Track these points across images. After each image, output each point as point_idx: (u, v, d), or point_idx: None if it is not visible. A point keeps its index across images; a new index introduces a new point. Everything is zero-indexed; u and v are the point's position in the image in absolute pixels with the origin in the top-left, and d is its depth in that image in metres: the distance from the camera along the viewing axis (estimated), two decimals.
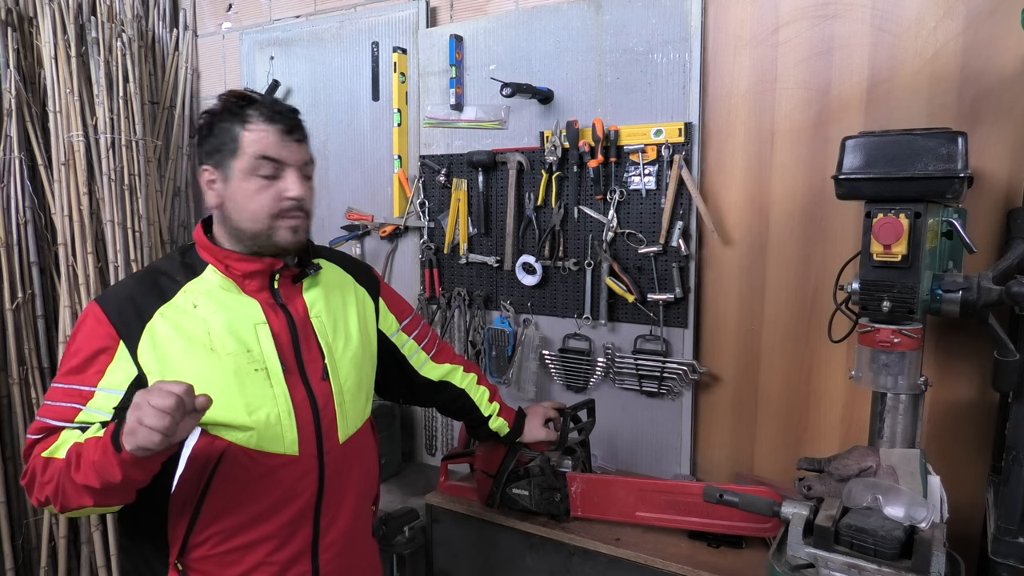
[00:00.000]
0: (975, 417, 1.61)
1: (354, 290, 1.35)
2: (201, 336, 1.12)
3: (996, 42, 1.51)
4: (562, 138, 1.96)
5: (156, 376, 1.09)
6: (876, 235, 1.26)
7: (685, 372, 1.89)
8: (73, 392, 1.09)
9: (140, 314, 1.11)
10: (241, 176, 1.13)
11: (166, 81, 2.74)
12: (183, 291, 1.15)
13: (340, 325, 1.27)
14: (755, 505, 1.39)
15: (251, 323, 1.16)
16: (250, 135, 1.12)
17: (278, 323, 1.18)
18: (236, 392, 1.11)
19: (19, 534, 2.42)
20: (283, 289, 1.21)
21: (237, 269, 1.17)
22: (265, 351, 1.15)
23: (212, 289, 1.17)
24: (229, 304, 1.16)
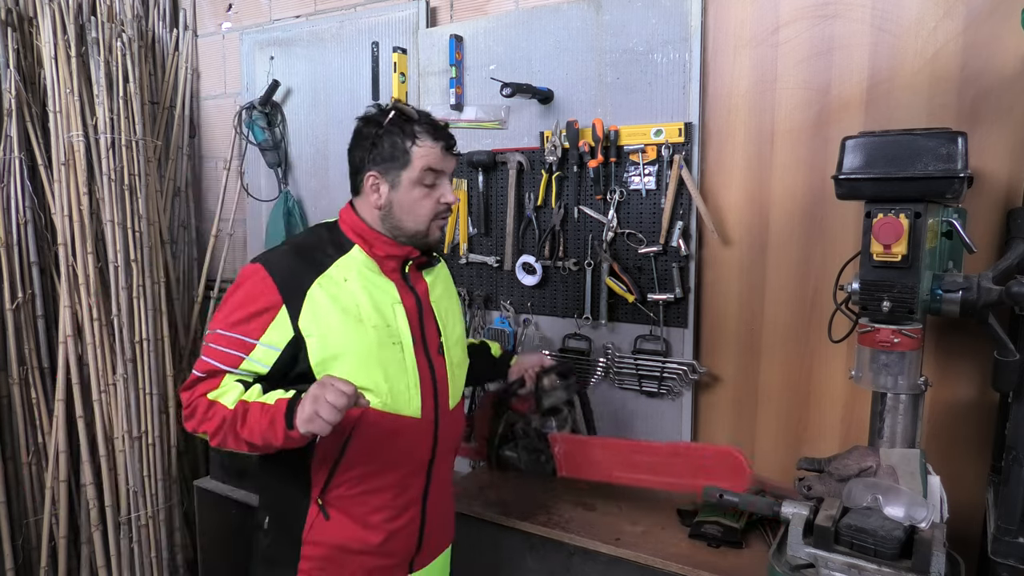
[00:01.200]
0: (975, 417, 1.61)
1: (453, 283, 1.58)
2: (352, 308, 1.28)
3: (996, 42, 1.51)
4: (562, 138, 1.96)
5: (316, 339, 1.25)
6: (876, 235, 1.26)
7: (685, 372, 1.89)
8: (237, 341, 1.24)
9: (300, 283, 1.27)
10: (409, 185, 1.31)
11: (166, 81, 2.74)
12: (336, 265, 1.31)
13: (450, 309, 1.48)
14: (755, 505, 1.39)
15: (390, 301, 1.33)
16: (420, 150, 1.30)
17: (409, 303, 1.36)
18: (376, 361, 1.29)
19: (19, 534, 2.42)
20: (411, 274, 1.40)
21: (381, 251, 1.34)
22: (400, 327, 1.33)
23: (359, 266, 1.33)
24: (373, 281, 1.33)
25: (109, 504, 2.36)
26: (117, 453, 2.36)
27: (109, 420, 2.37)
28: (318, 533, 1.33)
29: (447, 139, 1.34)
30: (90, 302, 2.34)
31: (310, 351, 1.25)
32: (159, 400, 2.45)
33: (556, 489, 1.89)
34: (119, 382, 2.36)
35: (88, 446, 2.34)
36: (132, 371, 2.39)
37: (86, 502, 2.36)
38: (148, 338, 2.42)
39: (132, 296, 2.40)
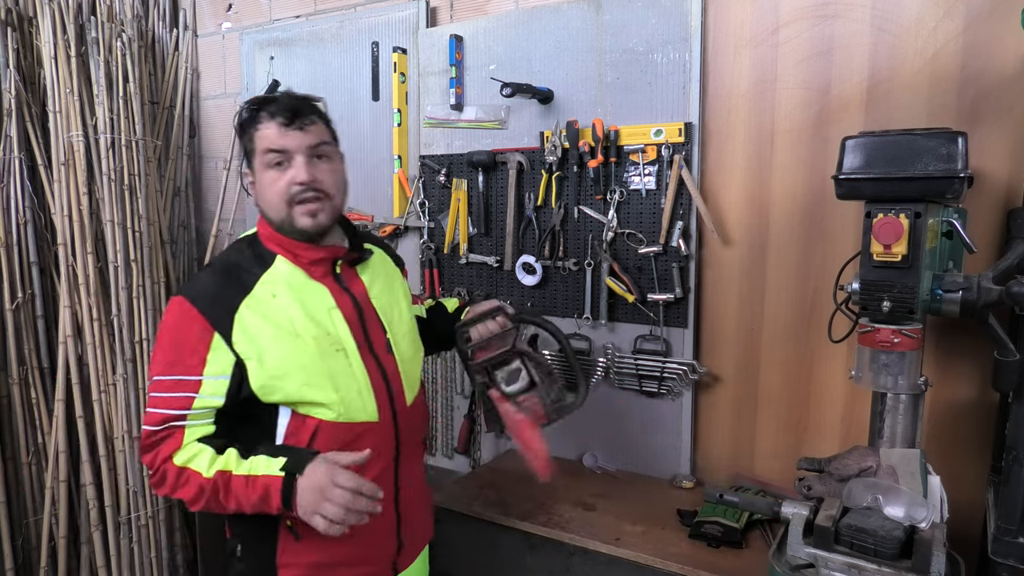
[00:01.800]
0: (975, 417, 1.61)
1: (395, 270, 1.49)
2: (285, 323, 1.23)
3: (996, 42, 1.51)
4: (562, 138, 1.96)
5: (255, 361, 1.20)
6: (876, 235, 1.26)
7: (685, 372, 1.89)
8: (181, 383, 1.18)
9: (227, 307, 1.21)
10: (261, 171, 1.24)
11: (166, 81, 2.74)
12: (261, 282, 1.25)
13: (393, 302, 1.40)
14: (755, 505, 1.39)
15: (325, 308, 1.27)
16: (259, 133, 1.23)
17: (345, 305, 1.30)
18: (322, 373, 1.23)
19: (19, 534, 2.42)
20: (344, 273, 1.32)
21: (304, 257, 1.27)
22: (341, 332, 1.27)
23: (286, 278, 1.26)
24: (303, 290, 1.27)
25: (109, 504, 2.35)
26: (117, 453, 2.36)
27: (109, 420, 2.37)
28: (291, 555, 1.28)
29: (284, 112, 1.21)
30: (90, 302, 2.34)
31: (250, 374, 1.20)
32: None
33: (556, 489, 1.89)
34: (119, 382, 2.36)
35: (88, 446, 2.34)
36: (132, 371, 2.38)
37: (86, 502, 2.36)
38: (148, 338, 2.42)
39: (132, 296, 2.40)
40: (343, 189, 1.30)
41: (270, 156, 1.21)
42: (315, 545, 1.26)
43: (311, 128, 1.23)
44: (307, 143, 1.22)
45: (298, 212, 1.22)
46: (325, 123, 1.29)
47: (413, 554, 1.45)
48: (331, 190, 1.25)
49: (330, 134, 1.29)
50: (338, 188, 1.28)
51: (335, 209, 1.27)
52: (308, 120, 1.23)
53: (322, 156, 1.25)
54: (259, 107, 1.23)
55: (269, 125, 1.21)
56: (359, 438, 1.28)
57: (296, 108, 1.22)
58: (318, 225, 1.24)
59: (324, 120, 1.28)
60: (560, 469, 2.04)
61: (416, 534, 1.45)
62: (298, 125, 1.21)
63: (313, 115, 1.24)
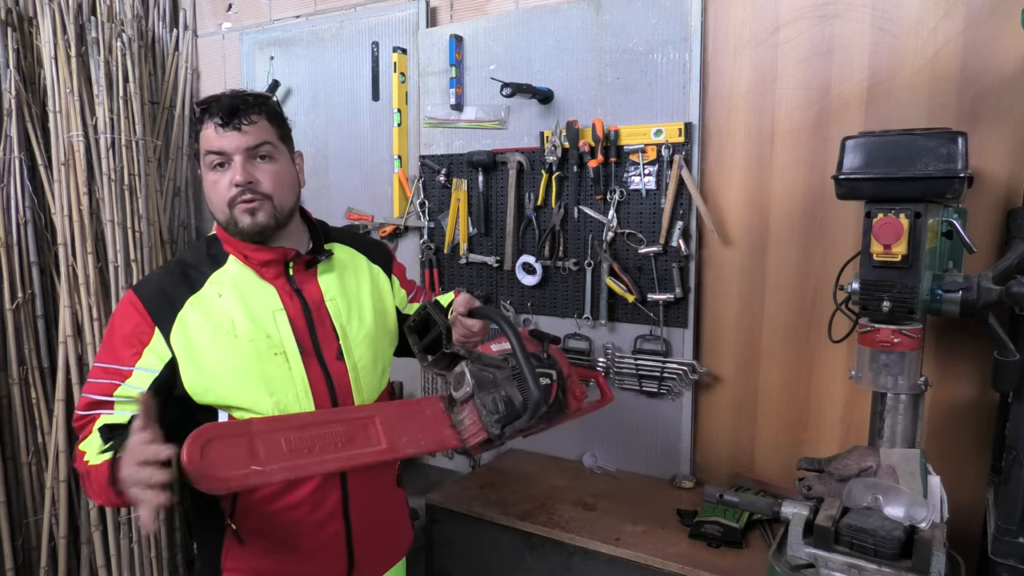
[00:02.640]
0: (975, 417, 1.61)
1: (368, 269, 1.41)
2: (225, 324, 1.21)
3: (996, 42, 1.51)
4: (562, 138, 1.96)
5: (185, 359, 1.19)
6: (876, 235, 1.26)
7: (685, 372, 1.89)
8: (112, 371, 1.19)
9: (172, 303, 1.21)
10: (205, 172, 1.23)
11: (166, 81, 2.74)
12: (209, 281, 1.24)
13: (354, 306, 1.34)
14: (755, 505, 1.39)
15: (270, 310, 1.24)
16: (201, 134, 1.22)
17: (294, 308, 1.26)
18: (257, 375, 1.20)
19: (19, 534, 2.41)
20: (298, 275, 1.28)
21: (254, 258, 1.25)
22: (283, 335, 1.23)
23: (235, 279, 1.25)
24: (249, 292, 1.24)
25: None
26: None
27: None
28: (235, 559, 1.26)
29: (221, 113, 1.18)
30: (90, 302, 2.34)
31: (183, 373, 1.18)
32: None
33: (556, 489, 1.90)
34: None
35: None
36: None
37: (86, 502, 2.35)
38: None
39: None
40: (288, 189, 1.25)
41: (210, 157, 1.21)
42: (259, 552, 1.25)
43: (250, 129, 1.20)
44: (245, 144, 1.19)
45: (237, 212, 1.21)
46: (272, 122, 1.24)
47: (373, 573, 1.38)
48: (270, 191, 1.21)
49: (276, 133, 1.25)
50: (280, 188, 1.23)
51: (277, 209, 1.23)
52: (247, 120, 1.20)
53: (264, 156, 1.22)
54: (203, 108, 1.22)
55: (208, 126, 1.20)
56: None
57: (233, 108, 1.19)
58: (256, 224, 1.21)
59: (271, 118, 1.24)
60: (560, 469, 2.05)
61: (376, 552, 1.37)
62: (235, 125, 1.19)
63: (254, 114, 1.21)
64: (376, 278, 1.41)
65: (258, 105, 1.23)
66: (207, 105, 1.21)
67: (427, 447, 1.19)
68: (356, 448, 1.12)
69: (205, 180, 1.23)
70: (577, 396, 1.29)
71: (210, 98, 1.22)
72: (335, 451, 1.11)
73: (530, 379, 1.11)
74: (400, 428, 1.16)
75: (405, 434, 1.17)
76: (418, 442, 1.17)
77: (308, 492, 1.25)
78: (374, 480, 1.35)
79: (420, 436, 1.17)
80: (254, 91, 1.26)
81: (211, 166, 1.21)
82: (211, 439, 1.00)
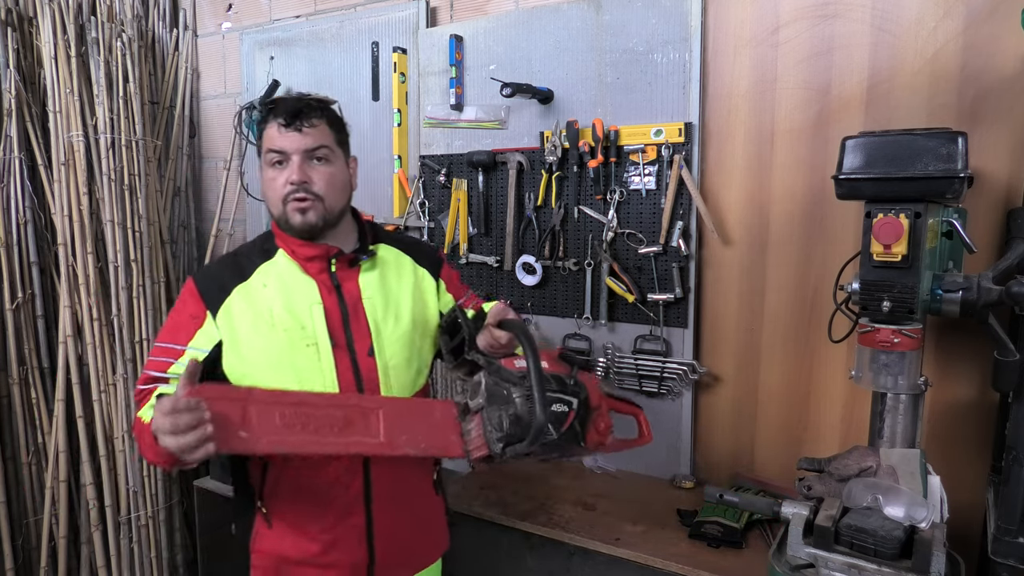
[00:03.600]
0: (975, 417, 1.60)
1: (412, 271, 1.42)
2: (265, 313, 1.28)
3: (996, 42, 1.51)
4: (562, 138, 1.96)
5: (228, 344, 1.28)
6: (876, 235, 1.26)
7: (685, 372, 1.89)
8: (169, 350, 1.28)
9: (222, 289, 1.30)
10: (264, 168, 1.30)
11: (166, 81, 2.74)
12: (257, 272, 1.32)
13: (391, 305, 1.36)
14: (755, 505, 1.39)
15: (308, 303, 1.29)
16: (265, 132, 1.29)
17: (331, 303, 1.30)
18: (288, 365, 1.26)
19: (19, 534, 2.42)
20: (340, 272, 1.33)
21: (300, 253, 1.31)
22: (317, 328, 1.28)
23: (280, 271, 1.32)
24: (292, 285, 1.31)
25: (109, 504, 2.35)
26: (117, 453, 2.36)
27: (109, 420, 2.37)
28: (262, 542, 1.34)
29: (284, 114, 1.25)
30: (90, 302, 2.34)
31: (224, 357, 1.27)
32: None
33: (556, 489, 1.90)
34: (119, 382, 2.36)
35: (88, 446, 2.34)
36: (132, 371, 2.38)
37: (86, 502, 2.36)
38: (148, 338, 2.42)
39: (132, 296, 2.40)
40: (340, 191, 1.31)
41: (270, 155, 1.27)
42: (284, 537, 1.32)
43: (310, 131, 1.26)
44: (303, 145, 1.25)
45: (290, 209, 1.27)
46: (332, 126, 1.31)
47: (397, 570, 1.39)
48: (322, 192, 1.27)
49: (334, 137, 1.31)
50: (332, 190, 1.29)
51: (327, 209, 1.28)
52: (307, 123, 1.26)
53: (320, 159, 1.28)
54: (269, 108, 1.29)
55: (272, 125, 1.27)
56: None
57: (296, 111, 1.26)
58: (306, 223, 1.27)
59: (331, 123, 1.31)
60: (560, 469, 2.05)
61: (400, 551, 1.38)
62: (296, 127, 1.25)
63: (315, 118, 1.27)
64: (420, 280, 1.43)
65: (320, 109, 1.29)
66: (273, 105, 1.28)
67: (428, 450, 1.16)
68: (352, 436, 1.12)
69: (264, 176, 1.29)
70: (600, 430, 1.20)
71: (276, 98, 1.31)
72: (330, 435, 1.10)
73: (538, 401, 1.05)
74: (402, 426, 1.15)
75: (405, 432, 1.15)
76: (418, 443, 1.15)
77: (329, 481, 1.29)
78: (399, 476, 1.36)
79: (422, 438, 1.15)
80: (318, 95, 1.32)
81: (271, 163, 1.27)
82: (208, 397, 1.04)
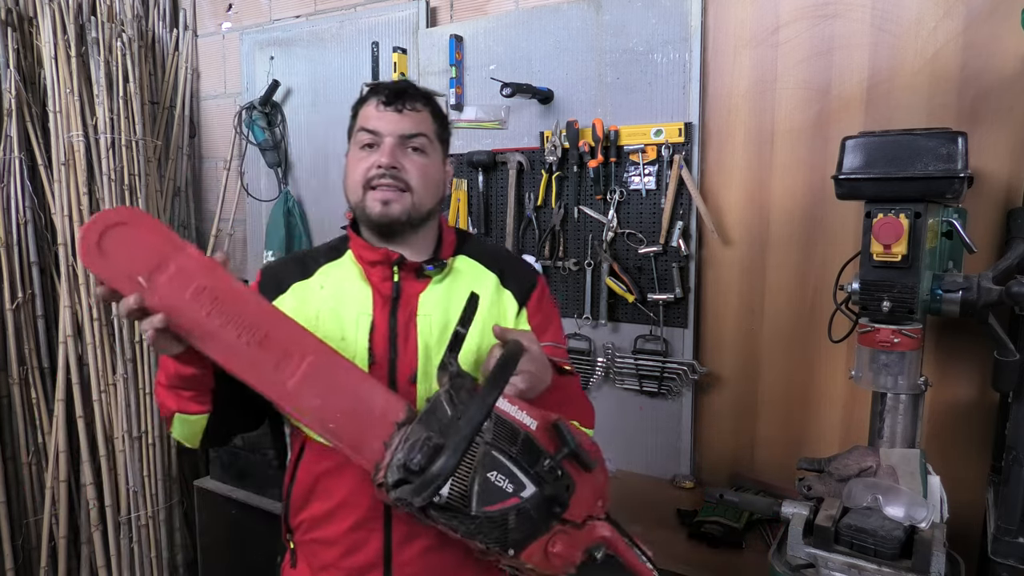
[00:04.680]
0: (975, 417, 1.60)
1: (494, 292, 1.20)
2: (310, 317, 1.14)
3: (996, 42, 1.51)
4: (562, 138, 1.96)
5: None
6: (876, 235, 1.26)
7: (685, 372, 1.89)
8: None
9: (279, 286, 1.19)
10: (352, 151, 1.16)
11: (166, 81, 2.74)
12: (319, 272, 1.20)
13: (453, 328, 1.11)
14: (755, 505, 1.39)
15: (356, 313, 1.14)
16: (360, 111, 1.17)
17: (381, 316, 1.14)
18: None
19: (19, 534, 2.42)
20: (405, 282, 1.16)
21: (365, 257, 1.17)
22: (358, 342, 1.12)
23: (342, 274, 1.19)
24: (347, 291, 1.17)
25: (109, 504, 2.36)
26: (117, 453, 2.36)
27: (109, 420, 2.37)
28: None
29: (385, 91, 1.13)
30: (90, 302, 2.34)
31: None
32: None
33: None
34: (119, 382, 2.36)
35: (88, 446, 2.34)
36: (132, 371, 2.38)
37: (86, 502, 2.36)
38: None
39: None
40: (432, 188, 1.16)
41: (361, 135, 1.14)
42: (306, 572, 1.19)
43: (410, 114, 1.13)
44: (400, 129, 1.12)
45: (371, 197, 1.12)
46: (435, 117, 1.18)
47: None
48: (414, 183, 1.12)
49: (435, 129, 1.17)
50: (424, 184, 1.14)
51: (415, 206, 1.13)
52: (410, 105, 1.13)
53: (417, 149, 1.14)
54: (371, 88, 1.18)
55: (370, 103, 1.15)
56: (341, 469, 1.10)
57: (400, 91, 1.14)
58: (387, 215, 1.11)
59: (435, 114, 1.18)
60: None
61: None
62: (396, 107, 1.12)
63: (419, 103, 1.15)
64: (499, 303, 1.21)
65: (426, 97, 1.17)
66: (376, 86, 1.17)
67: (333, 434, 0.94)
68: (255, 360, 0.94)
69: (349, 159, 1.16)
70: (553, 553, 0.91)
71: (382, 82, 1.19)
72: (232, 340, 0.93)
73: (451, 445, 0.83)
74: (323, 388, 0.95)
75: (321, 398, 0.94)
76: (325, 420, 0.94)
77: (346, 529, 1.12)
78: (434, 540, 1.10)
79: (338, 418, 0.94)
80: (427, 88, 1.20)
81: (360, 144, 1.14)
82: (134, 224, 0.91)
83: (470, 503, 0.86)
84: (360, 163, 1.13)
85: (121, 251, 0.90)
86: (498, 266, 1.23)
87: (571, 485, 0.92)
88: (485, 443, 0.89)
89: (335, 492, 1.12)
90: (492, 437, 0.89)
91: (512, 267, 1.26)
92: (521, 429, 0.90)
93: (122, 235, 0.91)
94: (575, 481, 0.92)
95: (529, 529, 0.90)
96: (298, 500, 1.16)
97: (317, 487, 1.14)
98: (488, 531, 0.87)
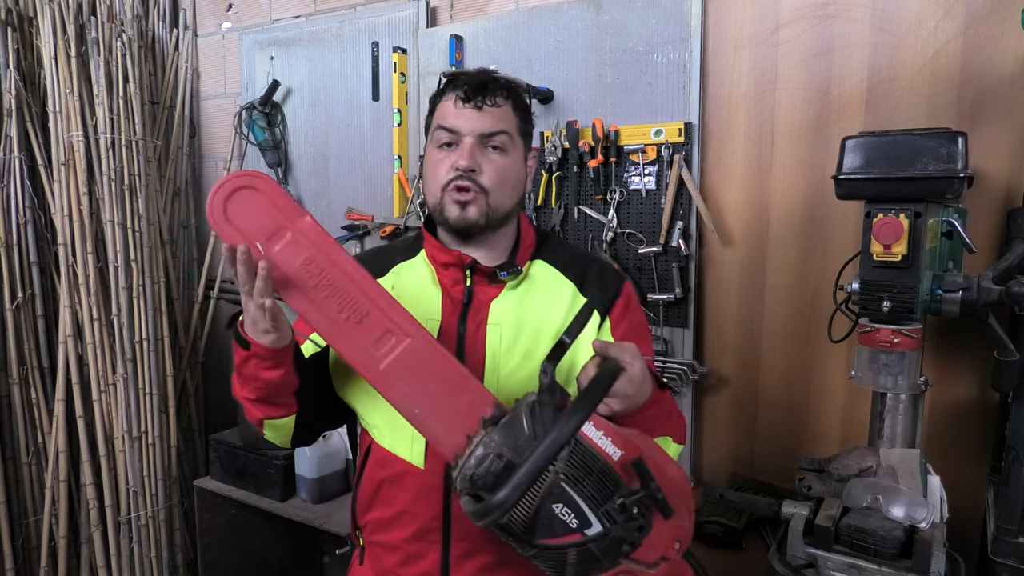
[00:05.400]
0: (975, 417, 1.60)
1: (571, 300, 1.12)
2: None
3: (996, 42, 1.51)
4: (562, 138, 1.96)
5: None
6: (876, 235, 1.26)
7: (685, 372, 1.89)
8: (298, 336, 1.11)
9: None
10: (430, 150, 1.11)
11: (166, 81, 2.74)
12: (392, 271, 1.16)
13: (524, 338, 1.08)
14: (755, 505, 1.39)
15: (424, 317, 1.06)
16: (439, 107, 1.11)
17: (449, 322, 1.08)
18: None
19: (19, 534, 2.42)
20: (478, 287, 1.11)
21: (437, 259, 1.12)
22: None
23: (413, 275, 1.14)
24: (416, 294, 1.11)
25: (109, 504, 2.35)
26: (117, 453, 2.36)
27: (109, 420, 2.37)
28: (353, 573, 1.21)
29: (463, 86, 1.07)
30: (90, 302, 2.34)
31: (331, 357, 1.12)
32: (159, 400, 2.45)
33: None
34: (119, 382, 2.36)
35: (88, 446, 2.34)
36: (132, 371, 2.38)
37: (86, 502, 2.36)
38: (148, 338, 2.42)
39: (132, 296, 2.40)
40: (510, 189, 1.10)
41: (439, 133, 1.08)
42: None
43: (491, 111, 1.07)
44: (480, 127, 1.06)
45: (448, 200, 1.07)
46: (517, 111, 1.12)
47: None
48: (490, 185, 1.07)
49: (517, 125, 1.11)
50: (501, 186, 1.08)
51: (491, 208, 1.08)
52: (491, 100, 1.07)
53: (497, 147, 1.08)
54: (449, 79, 1.12)
55: (449, 98, 1.09)
56: (401, 478, 1.08)
57: (481, 84, 1.08)
58: (464, 219, 1.07)
59: (517, 107, 1.12)
60: None
61: None
62: (476, 104, 1.06)
63: (500, 97, 1.08)
64: (575, 312, 1.12)
65: (508, 88, 1.11)
66: (454, 77, 1.10)
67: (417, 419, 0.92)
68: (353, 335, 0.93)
69: (427, 158, 1.11)
70: None
71: (460, 71, 1.12)
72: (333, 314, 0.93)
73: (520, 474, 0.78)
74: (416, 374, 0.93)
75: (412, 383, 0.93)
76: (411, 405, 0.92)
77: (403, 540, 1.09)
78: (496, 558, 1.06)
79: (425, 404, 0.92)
80: (509, 76, 1.13)
81: (438, 143, 1.09)
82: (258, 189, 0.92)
83: (531, 532, 0.83)
84: (439, 164, 1.08)
85: (244, 214, 0.92)
86: (578, 272, 1.15)
87: (645, 526, 0.85)
88: (556, 472, 0.83)
89: (395, 501, 1.10)
90: (566, 465, 0.83)
91: (593, 273, 1.16)
92: (601, 457, 0.84)
93: (246, 199, 0.92)
94: (652, 522, 0.85)
95: (590, 566, 0.85)
96: (363, 501, 1.15)
97: (379, 493, 1.12)
98: (544, 560, 0.85)
